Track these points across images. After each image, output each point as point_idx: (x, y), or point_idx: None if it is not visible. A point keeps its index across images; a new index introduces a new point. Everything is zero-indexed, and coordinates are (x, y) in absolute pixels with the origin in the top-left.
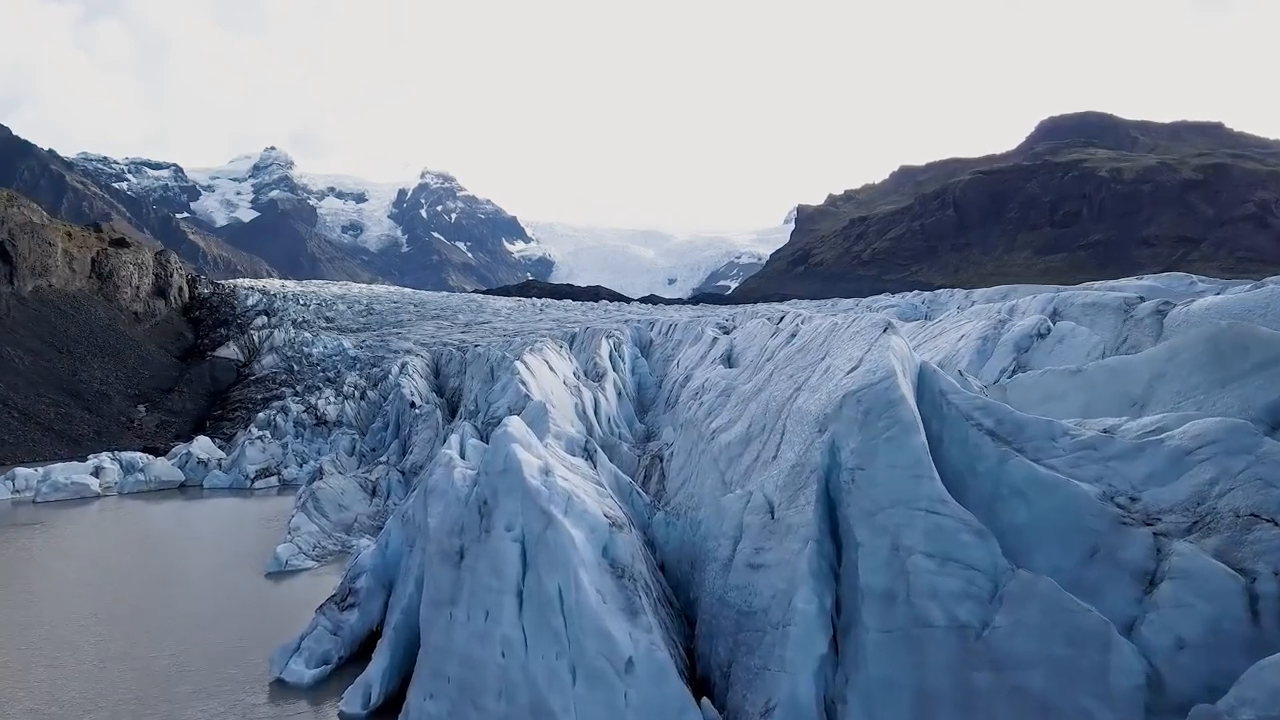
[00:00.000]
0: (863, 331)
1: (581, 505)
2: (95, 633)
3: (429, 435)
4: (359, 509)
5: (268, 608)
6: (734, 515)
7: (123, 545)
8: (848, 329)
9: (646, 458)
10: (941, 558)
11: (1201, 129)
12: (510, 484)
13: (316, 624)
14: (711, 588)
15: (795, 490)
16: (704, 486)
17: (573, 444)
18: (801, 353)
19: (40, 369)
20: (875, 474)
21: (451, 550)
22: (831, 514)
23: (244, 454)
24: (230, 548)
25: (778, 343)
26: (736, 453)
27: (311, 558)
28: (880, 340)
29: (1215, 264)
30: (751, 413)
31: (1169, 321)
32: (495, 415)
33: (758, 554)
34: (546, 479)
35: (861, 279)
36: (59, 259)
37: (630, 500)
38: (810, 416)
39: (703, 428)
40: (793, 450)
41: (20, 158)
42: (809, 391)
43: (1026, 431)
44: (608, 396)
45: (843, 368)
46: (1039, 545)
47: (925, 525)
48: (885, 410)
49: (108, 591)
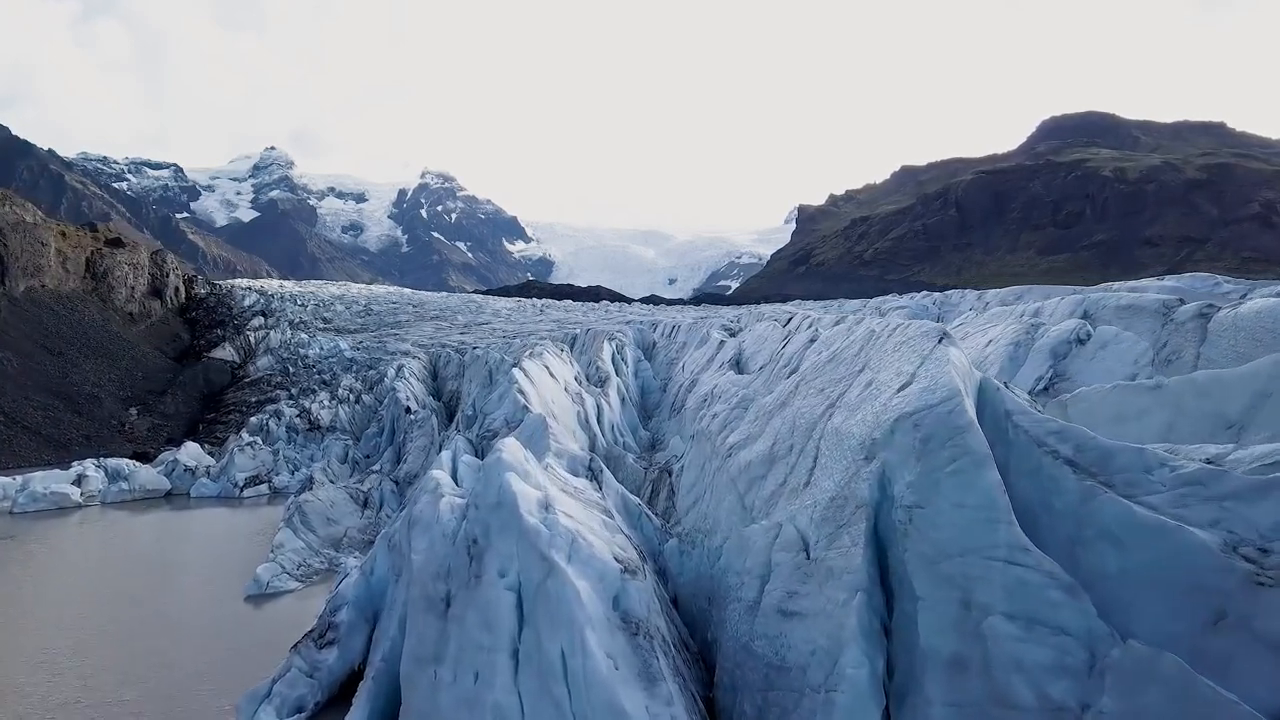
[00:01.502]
0: (911, 341)
1: (588, 549)
2: (47, 671)
3: (424, 443)
4: (349, 522)
5: (243, 638)
6: (760, 550)
7: (95, 563)
8: (889, 337)
9: (654, 471)
10: (1026, 620)
11: (1204, 129)
12: (504, 521)
13: (290, 665)
14: (734, 631)
15: (836, 527)
16: (720, 509)
17: (575, 462)
18: (833, 363)
19: (29, 371)
20: (938, 514)
21: (436, 597)
22: (880, 557)
23: (233, 461)
24: (210, 565)
25: (793, 348)
26: (758, 474)
27: (296, 578)
28: (936, 353)
29: (1220, 264)
30: (775, 429)
31: (1214, 326)
32: (491, 428)
33: (791, 599)
34: (547, 516)
35: (863, 279)
36: (52, 259)
37: (639, 524)
38: (852, 440)
39: (716, 442)
40: (830, 479)
41: (20, 157)
42: (846, 410)
43: (1115, 461)
44: (611, 403)
45: (890, 384)
46: (1139, 605)
47: (1004, 579)
48: (950, 438)
49: (69, 619)
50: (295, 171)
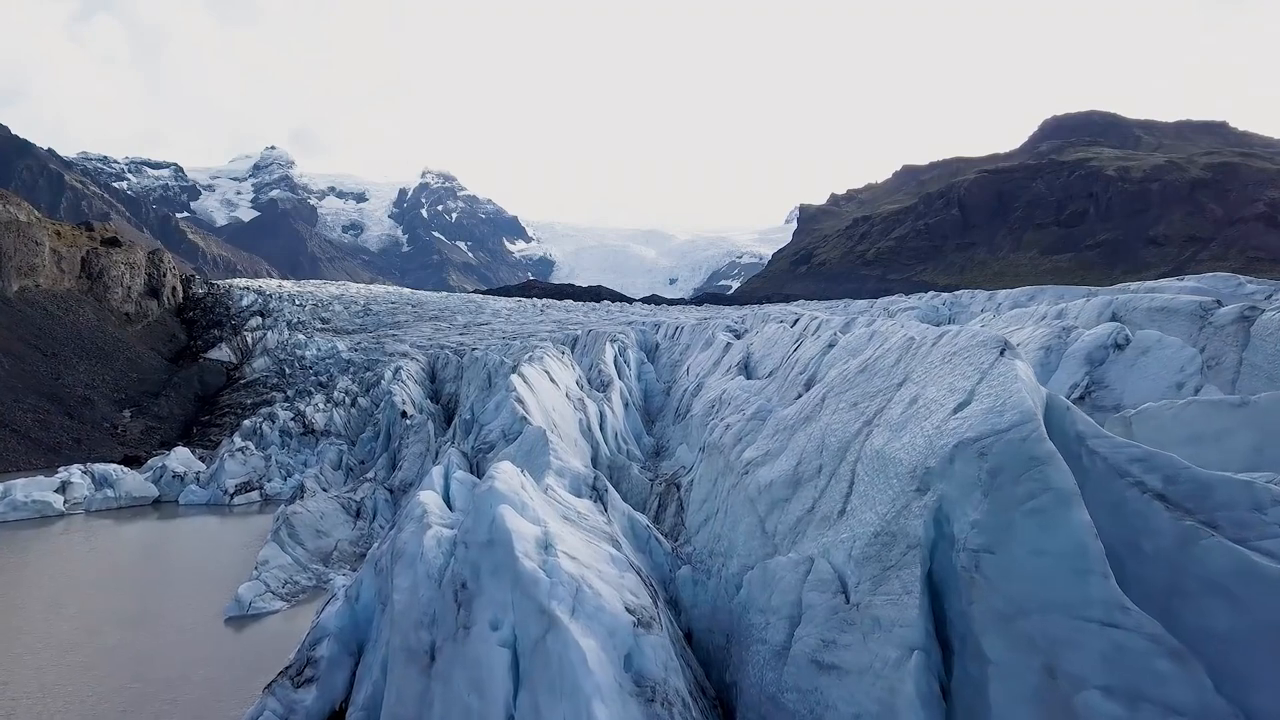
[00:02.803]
0: (964, 352)
1: (595, 599)
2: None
3: (420, 449)
4: (340, 534)
5: (219, 669)
6: (788, 587)
7: (70, 579)
8: (934, 347)
9: (660, 483)
10: (1130, 696)
11: (1206, 128)
12: (497, 563)
13: (263, 708)
14: (759, 678)
15: (882, 569)
16: (736, 531)
17: (578, 481)
18: (865, 374)
19: (21, 373)
20: (1013, 561)
21: (419, 648)
22: (934, 604)
23: (223, 467)
24: (191, 581)
25: (808, 353)
26: (780, 496)
27: (281, 597)
28: (999, 367)
29: (1226, 264)
30: (799, 447)
31: (1258, 329)
32: (488, 439)
33: (828, 649)
34: (546, 558)
35: (865, 279)
36: (46, 258)
37: (648, 548)
38: (898, 467)
39: (731, 456)
40: (872, 510)
41: (19, 157)
42: (888, 430)
43: (1216, 496)
44: (614, 409)
45: (942, 402)
46: (1259, 673)
47: (1101, 645)
48: (1026, 470)
49: (32, 648)
50: (295, 171)
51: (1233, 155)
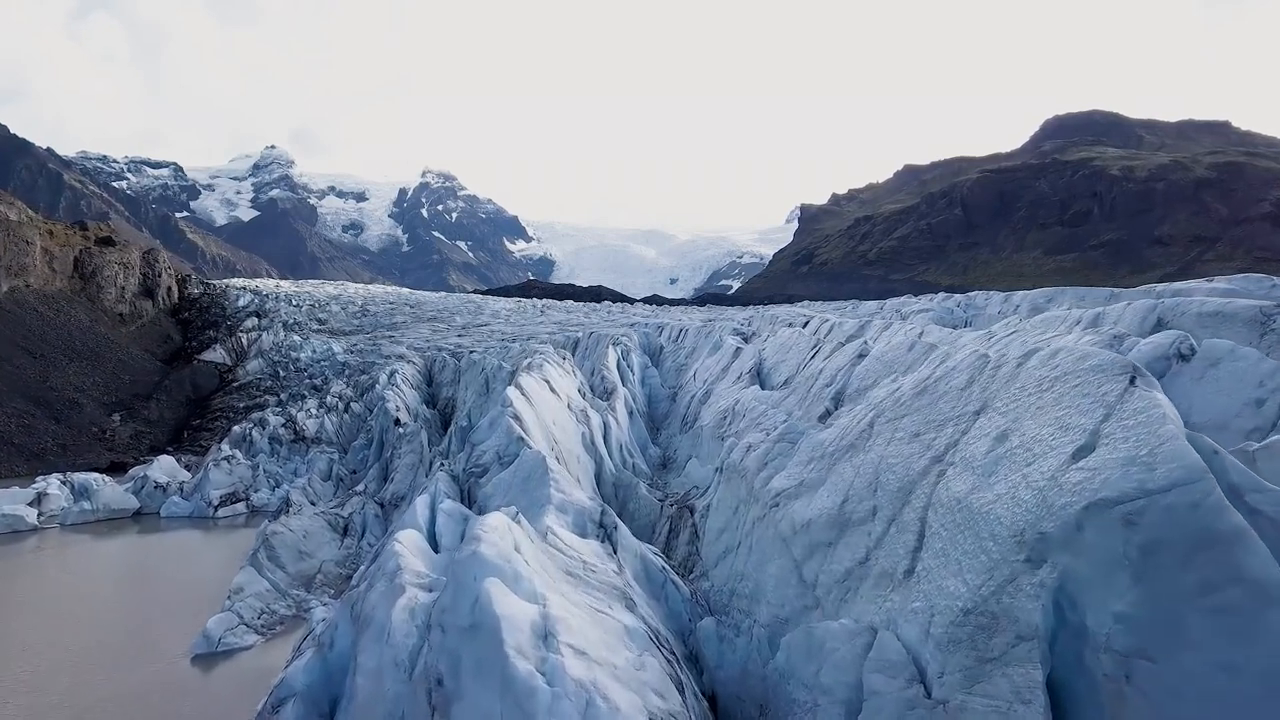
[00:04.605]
0: (1071, 377)
1: (611, 715)
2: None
3: (413, 460)
4: (325, 554)
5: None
6: (843, 663)
7: (31, 606)
8: (1024, 368)
9: (671, 505)
10: None
11: (1209, 128)
12: (481, 658)
13: None
14: None
15: (979, 661)
16: (765, 573)
17: (583, 517)
18: (925, 396)
19: (5, 376)
20: (1185, 675)
21: None
22: (1052, 708)
23: (208, 478)
24: (161, 607)
25: (833, 363)
26: (822, 539)
27: (256, 630)
28: (1134, 401)
29: (1233, 264)
30: (846, 481)
31: None
32: (481, 463)
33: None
34: (546, 655)
35: (867, 279)
36: (38, 258)
37: (664, 594)
38: (994, 524)
39: (755, 483)
40: (959, 578)
41: (18, 156)
42: (971, 473)
43: None
44: (618, 419)
45: (1050, 442)
46: None
47: None
48: (1201, 549)
49: None
50: (295, 170)
51: (1237, 155)
